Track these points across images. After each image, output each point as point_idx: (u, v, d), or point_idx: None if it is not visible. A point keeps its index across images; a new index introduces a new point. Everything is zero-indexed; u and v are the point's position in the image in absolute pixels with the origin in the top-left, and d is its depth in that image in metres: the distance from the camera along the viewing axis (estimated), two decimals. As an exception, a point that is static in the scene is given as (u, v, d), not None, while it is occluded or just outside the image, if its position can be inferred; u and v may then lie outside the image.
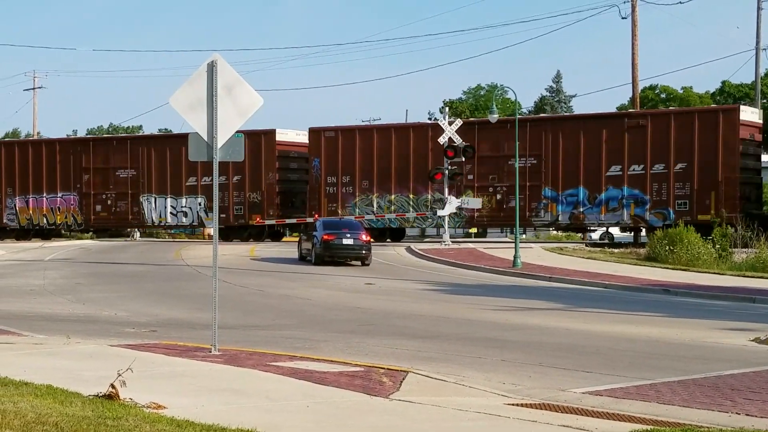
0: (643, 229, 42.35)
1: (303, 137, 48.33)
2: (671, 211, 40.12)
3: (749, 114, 41.20)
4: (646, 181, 40.65)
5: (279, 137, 48.16)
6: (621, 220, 41.36)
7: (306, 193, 47.92)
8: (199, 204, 49.55)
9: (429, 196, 44.49)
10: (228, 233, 48.27)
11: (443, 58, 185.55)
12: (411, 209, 44.85)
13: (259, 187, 47.99)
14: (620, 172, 41.01)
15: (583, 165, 41.58)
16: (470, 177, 43.51)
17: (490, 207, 43.43)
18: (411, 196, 44.99)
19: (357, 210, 45.53)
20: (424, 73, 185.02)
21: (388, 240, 46.41)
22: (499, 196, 43.48)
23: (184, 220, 50.47)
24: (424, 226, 47.75)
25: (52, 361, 12.45)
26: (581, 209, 41.82)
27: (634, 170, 40.72)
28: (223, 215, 48.00)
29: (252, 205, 48.17)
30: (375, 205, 45.53)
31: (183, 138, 52.67)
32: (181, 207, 50.07)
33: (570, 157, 41.92)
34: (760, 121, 42.13)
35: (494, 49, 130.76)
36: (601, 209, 41.16)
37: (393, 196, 45.31)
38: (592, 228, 44.34)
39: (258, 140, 47.10)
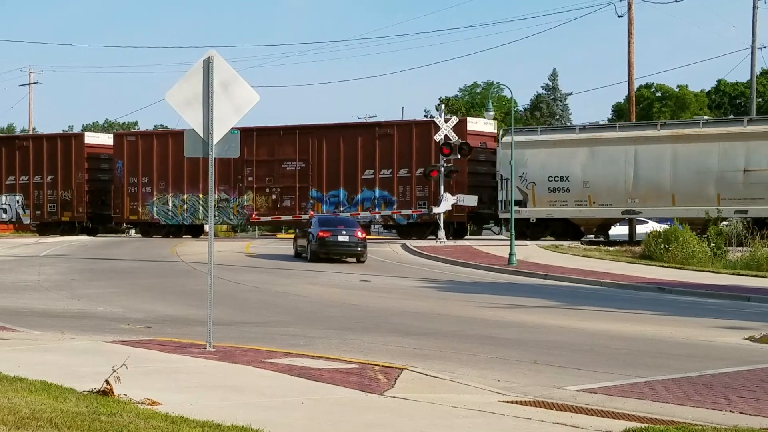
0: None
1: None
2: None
3: (481, 125, 45.82)
4: (394, 183, 45.46)
5: (89, 140, 53.27)
6: (374, 219, 46.13)
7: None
8: (17, 201, 53.50)
9: (216, 196, 48.02)
10: (43, 228, 52.86)
11: (440, 55, 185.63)
12: (200, 208, 49.17)
13: (69, 186, 51.99)
14: (372, 176, 45.79)
15: (343, 169, 46.19)
16: (250, 179, 48.34)
17: (267, 206, 48.15)
18: (201, 195, 49.15)
19: (155, 209, 50.29)
20: (420, 70, 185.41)
21: (185, 236, 50.17)
22: (274, 197, 48.18)
23: (3, 216, 54.22)
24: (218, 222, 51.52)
25: (46, 357, 12.44)
26: (342, 208, 45.96)
27: (384, 174, 45.55)
28: (38, 212, 52.91)
29: (63, 202, 52.18)
30: (170, 204, 50.18)
31: (2, 140, 57.14)
32: (1, 204, 54.06)
33: (332, 161, 46.66)
34: (494, 131, 46.15)
35: (491, 47, 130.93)
36: (358, 208, 45.75)
37: (186, 196, 49.76)
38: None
39: (69, 143, 52.44)
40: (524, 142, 42.26)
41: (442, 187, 41.48)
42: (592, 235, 45.16)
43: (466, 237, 46.32)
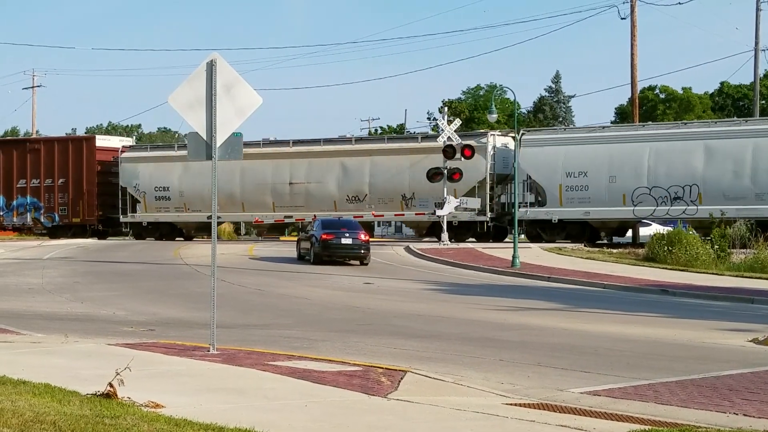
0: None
1: None
2: (56, 215, 52.86)
3: (116, 142, 55.21)
4: (41, 191, 52.95)
5: None
6: (26, 222, 53.69)
7: None
8: None
9: None
10: None
11: (443, 58, 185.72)
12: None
13: None
14: (25, 185, 53.36)
15: (2, 178, 53.89)
16: None
17: None
18: None
19: None
20: (423, 73, 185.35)
21: None
22: None
23: None
24: None
25: (50, 360, 12.45)
26: (2, 213, 54.17)
27: (34, 183, 53.15)
28: None
29: None
30: None
31: None
32: None
33: None
34: (119, 146, 53.81)
35: (494, 49, 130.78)
36: (14, 213, 53.74)
37: None
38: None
39: None
40: (138, 157, 51.71)
41: (445, 190, 41.45)
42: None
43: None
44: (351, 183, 46.59)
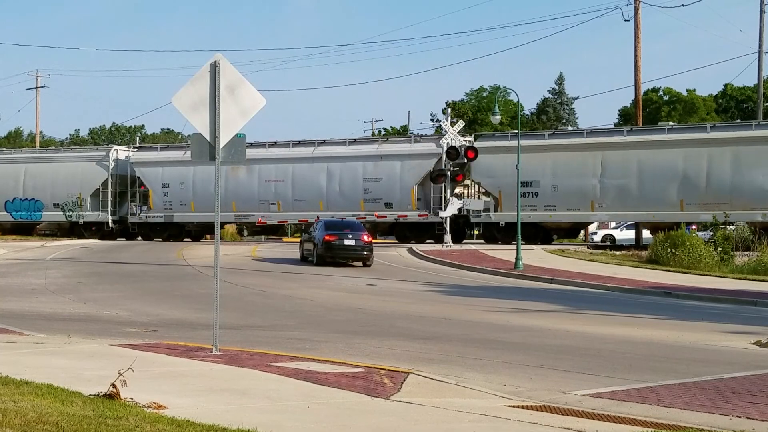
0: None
1: None
2: None
3: None
4: None
5: None
6: None
7: None
8: None
9: None
10: None
11: (446, 59, 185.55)
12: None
13: None
14: None
15: None
16: None
17: None
18: None
19: None
20: (426, 74, 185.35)
21: None
22: None
23: None
24: None
25: (53, 361, 12.46)
26: None
27: None
28: None
29: None
30: None
31: None
32: None
33: None
34: None
35: (497, 51, 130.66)
36: None
37: None
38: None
39: None
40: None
41: (448, 191, 41.46)
42: None
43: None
44: None
